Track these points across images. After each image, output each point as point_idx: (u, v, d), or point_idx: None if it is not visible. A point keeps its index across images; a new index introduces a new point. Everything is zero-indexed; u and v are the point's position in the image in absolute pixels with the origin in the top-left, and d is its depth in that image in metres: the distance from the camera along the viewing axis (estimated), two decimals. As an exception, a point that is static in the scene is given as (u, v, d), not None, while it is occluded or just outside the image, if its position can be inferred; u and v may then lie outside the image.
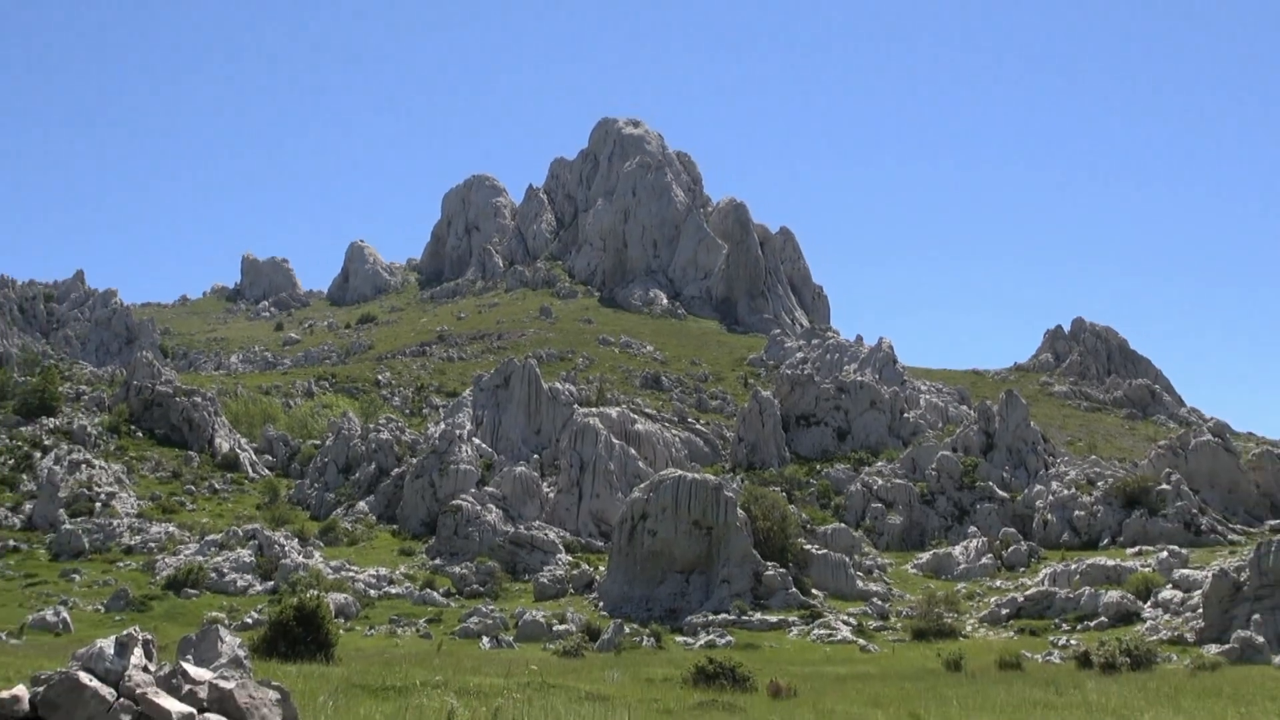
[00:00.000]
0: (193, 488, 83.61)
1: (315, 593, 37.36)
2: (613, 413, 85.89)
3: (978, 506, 76.58)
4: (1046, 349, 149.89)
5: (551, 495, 77.31)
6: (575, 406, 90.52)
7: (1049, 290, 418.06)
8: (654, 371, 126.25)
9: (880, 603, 58.08)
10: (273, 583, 59.37)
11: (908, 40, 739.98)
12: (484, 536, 69.29)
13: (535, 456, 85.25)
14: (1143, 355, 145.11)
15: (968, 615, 54.72)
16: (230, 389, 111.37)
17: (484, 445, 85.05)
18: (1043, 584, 57.12)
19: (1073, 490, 74.48)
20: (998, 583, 62.24)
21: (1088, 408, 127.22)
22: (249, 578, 60.27)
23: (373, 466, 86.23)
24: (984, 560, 66.48)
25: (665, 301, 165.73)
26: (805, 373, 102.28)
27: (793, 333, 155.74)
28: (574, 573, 63.73)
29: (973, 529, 73.10)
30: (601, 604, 57.66)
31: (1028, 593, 55.66)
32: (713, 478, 63.38)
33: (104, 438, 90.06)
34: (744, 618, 52.68)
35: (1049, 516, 72.79)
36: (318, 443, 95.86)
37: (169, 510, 76.82)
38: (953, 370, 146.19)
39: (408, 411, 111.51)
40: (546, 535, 69.81)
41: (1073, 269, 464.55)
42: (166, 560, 63.14)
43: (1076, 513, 71.59)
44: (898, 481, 79.83)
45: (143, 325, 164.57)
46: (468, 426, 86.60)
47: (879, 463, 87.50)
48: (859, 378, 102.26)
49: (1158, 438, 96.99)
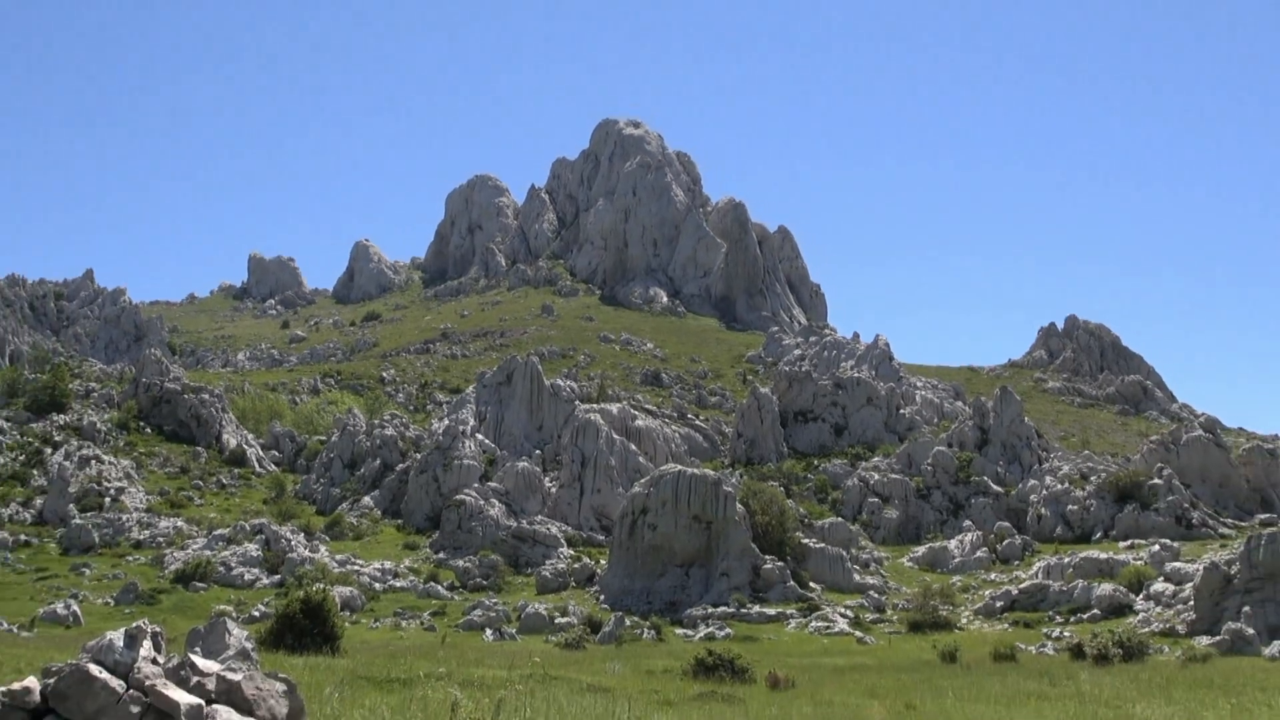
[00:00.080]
0: (200, 483, 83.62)
1: (321, 586, 37.30)
2: (613, 409, 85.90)
3: (972, 501, 76.59)
4: (1040, 346, 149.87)
5: (553, 490, 77.32)
6: (577, 403, 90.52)
7: (1043, 288, 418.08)
8: (654, 368, 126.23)
9: (877, 595, 58.07)
10: (279, 576, 59.38)
11: (904, 40, 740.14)
12: (487, 531, 69.31)
13: (537, 452, 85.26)
14: (1135, 352, 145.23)
15: (963, 608, 54.74)
16: (237, 386, 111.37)
17: (487, 441, 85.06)
18: (1036, 577, 57.11)
19: (1066, 485, 74.49)
20: (992, 576, 62.25)
21: (1081, 404, 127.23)
22: (256, 571, 60.28)
23: (377, 462, 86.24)
24: (979, 554, 66.49)
25: (665, 299, 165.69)
26: (803, 369, 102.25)
27: (790, 330, 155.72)
28: (575, 566, 63.74)
29: (967, 523, 73.08)
30: (603, 597, 57.66)
31: (1022, 586, 55.66)
32: (712, 473, 63.36)
33: (113, 434, 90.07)
34: (743, 610, 52.69)
35: (1043, 511, 72.80)
36: (323, 439, 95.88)
37: (177, 505, 76.83)
38: (948, 367, 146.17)
39: (412, 408, 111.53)
40: (548, 529, 69.81)
41: (1066, 267, 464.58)
42: (175, 554, 63.18)
43: (1070, 507, 71.60)
44: (894, 476, 79.83)
45: (151, 323, 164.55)
46: (471, 422, 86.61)
47: (875, 458, 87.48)
48: (856, 374, 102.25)
49: (1149, 433, 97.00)
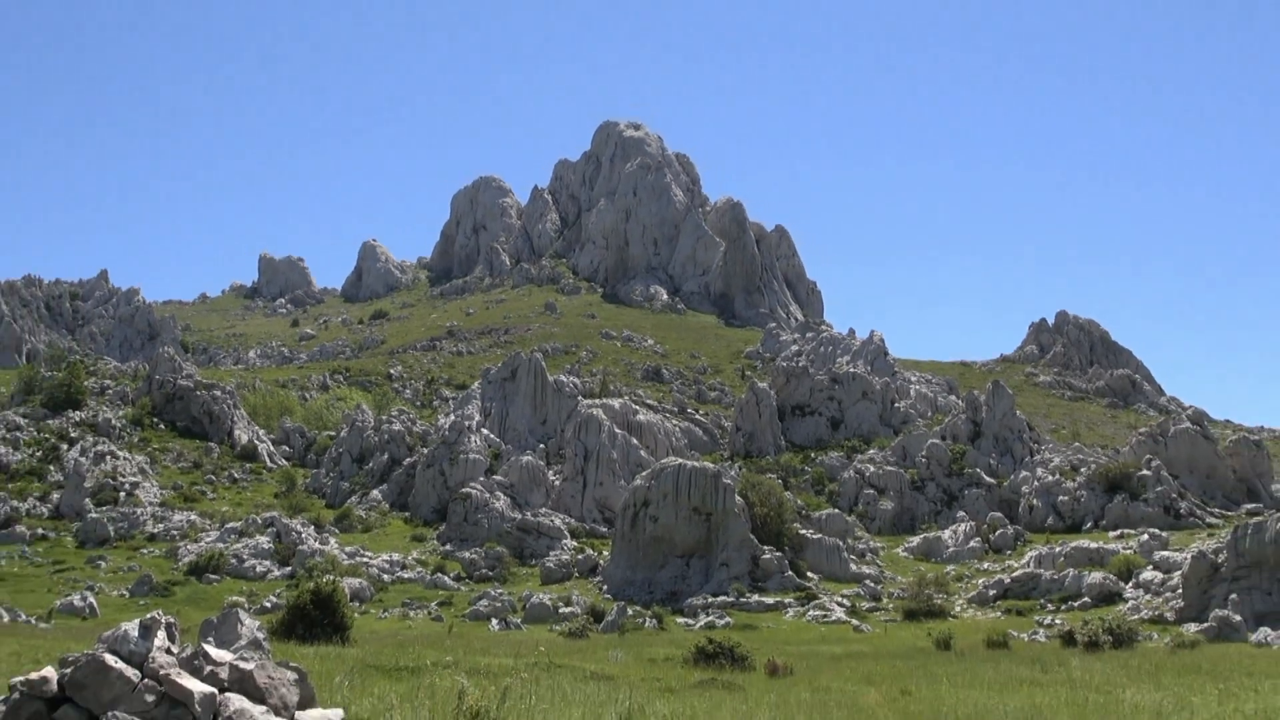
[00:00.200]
0: (213, 477, 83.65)
1: (331, 578, 37.35)
2: (615, 404, 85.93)
3: (966, 492, 76.58)
4: (1031, 341, 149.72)
5: (557, 483, 77.33)
6: (579, 398, 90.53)
7: (1034, 284, 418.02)
8: (655, 364, 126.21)
9: (872, 585, 58.09)
10: (290, 568, 59.43)
11: (896, 42, 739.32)
12: (492, 523, 69.32)
13: (541, 446, 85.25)
14: (1124, 346, 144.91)
15: (956, 596, 54.75)
16: (249, 383, 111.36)
17: (492, 436, 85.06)
18: (1028, 566, 57.13)
19: (1057, 476, 74.46)
20: (985, 565, 62.25)
21: (1071, 397, 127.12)
22: (267, 563, 60.31)
23: (385, 456, 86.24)
24: (972, 544, 66.49)
25: (665, 297, 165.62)
26: (800, 365, 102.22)
27: (788, 326, 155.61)
28: (579, 557, 63.76)
29: (961, 514, 73.09)
30: (605, 587, 57.69)
31: (1014, 574, 55.67)
32: (711, 466, 63.35)
33: (128, 430, 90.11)
34: (742, 600, 52.70)
35: (1034, 501, 72.77)
36: (333, 434, 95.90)
37: (190, 499, 76.88)
38: (941, 362, 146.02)
39: (419, 404, 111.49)
40: (552, 521, 69.82)
41: (1057, 264, 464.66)
42: (188, 547, 63.21)
43: (1060, 498, 71.57)
44: (889, 468, 79.81)
45: (164, 322, 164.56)
46: (476, 418, 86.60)
47: (871, 450, 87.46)
48: (851, 369, 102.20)
49: (1138, 425, 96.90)
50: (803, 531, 62.92)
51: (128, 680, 8.36)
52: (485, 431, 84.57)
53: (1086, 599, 49.97)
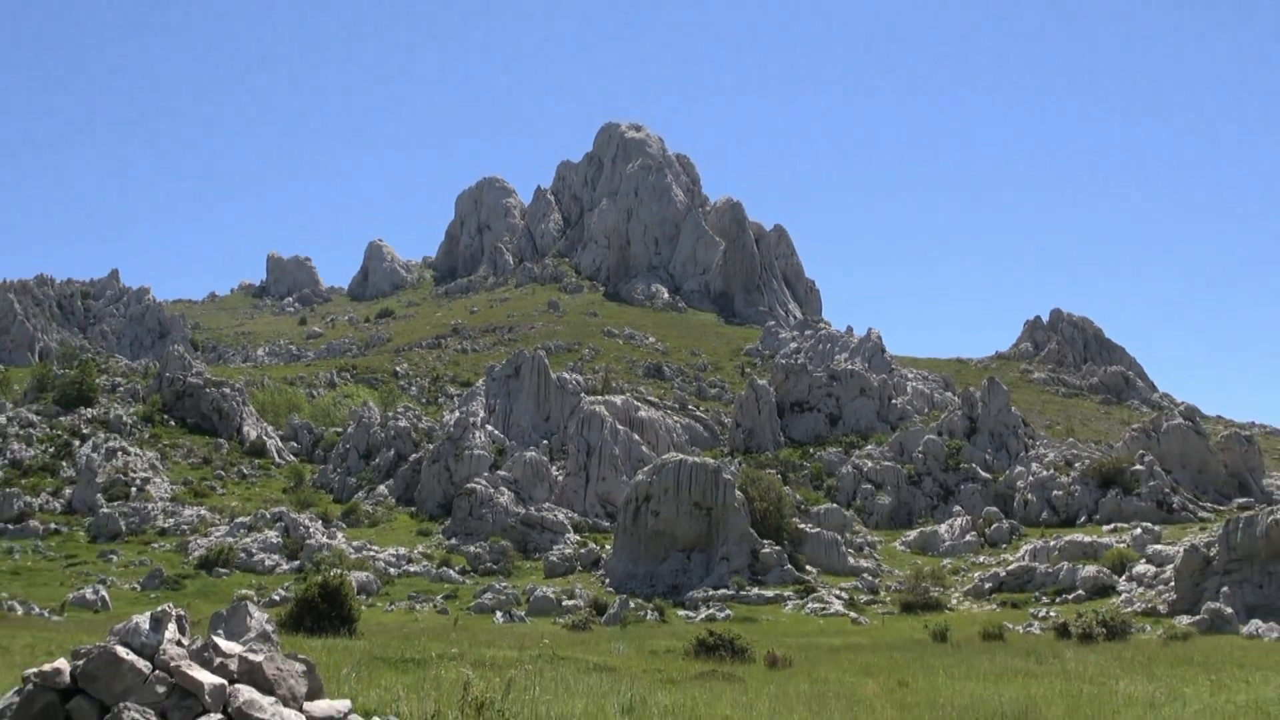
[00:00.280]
0: (222, 473, 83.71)
1: (338, 571, 37.39)
2: (617, 400, 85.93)
3: (962, 487, 76.55)
4: (1026, 338, 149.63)
5: (560, 478, 77.35)
6: (582, 395, 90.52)
7: (1029, 283, 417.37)
8: (656, 362, 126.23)
9: (870, 578, 58.10)
10: (298, 562, 59.46)
11: (894, 42, 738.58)
12: (497, 518, 69.36)
13: (544, 442, 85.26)
14: (1117, 344, 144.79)
15: (953, 589, 54.74)
16: (257, 380, 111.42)
17: (496, 432, 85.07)
18: (1023, 559, 57.10)
19: (1051, 471, 74.43)
20: (981, 558, 62.24)
21: (1065, 393, 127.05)
22: (276, 557, 60.35)
23: (392, 452, 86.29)
24: (968, 537, 66.48)
25: (666, 295, 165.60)
26: (798, 362, 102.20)
27: (787, 324, 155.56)
28: (582, 551, 63.79)
29: (957, 508, 73.07)
30: (608, 580, 57.70)
31: (1009, 568, 55.66)
32: (712, 461, 63.37)
33: (139, 427, 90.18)
34: (742, 593, 52.72)
35: (1029, 496, 72.75)
36: (340, 430, 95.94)
37: (200, 494, 76.94)
38: (938, 359, 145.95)
39: (424, 400, 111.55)
40: (556, 516, 69.85)
41: (1052, 263, 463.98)
42: (198, 541, 63.27)
43: (1055, 492, 71.54)
44: (886, 464, 79.80)
45: (174, 321, 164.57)
46: (481, 414, 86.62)
47: (869, 446, 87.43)
48: (849, 366, 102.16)
49: (1131, 421, 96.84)
50: (801, 526, 62.92)
51: (139, 672, 8.37)
52: (489, 428, 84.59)
53: (1080, 592, 49.96)
